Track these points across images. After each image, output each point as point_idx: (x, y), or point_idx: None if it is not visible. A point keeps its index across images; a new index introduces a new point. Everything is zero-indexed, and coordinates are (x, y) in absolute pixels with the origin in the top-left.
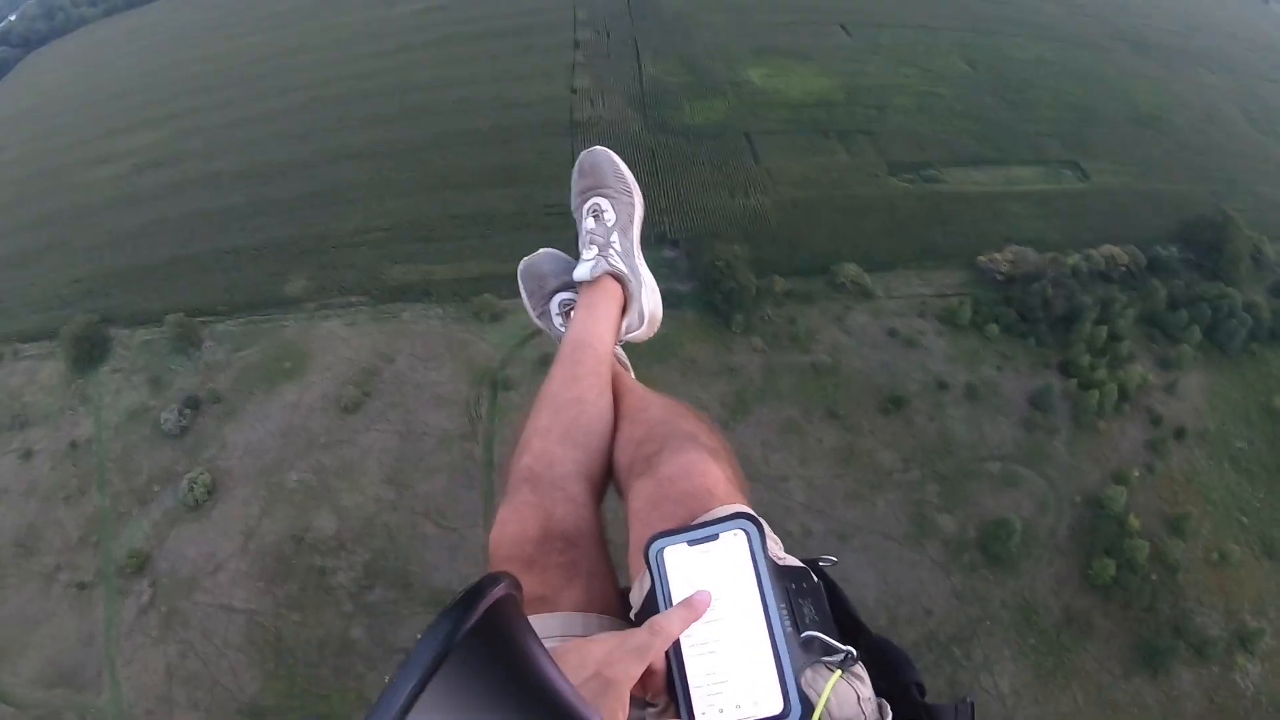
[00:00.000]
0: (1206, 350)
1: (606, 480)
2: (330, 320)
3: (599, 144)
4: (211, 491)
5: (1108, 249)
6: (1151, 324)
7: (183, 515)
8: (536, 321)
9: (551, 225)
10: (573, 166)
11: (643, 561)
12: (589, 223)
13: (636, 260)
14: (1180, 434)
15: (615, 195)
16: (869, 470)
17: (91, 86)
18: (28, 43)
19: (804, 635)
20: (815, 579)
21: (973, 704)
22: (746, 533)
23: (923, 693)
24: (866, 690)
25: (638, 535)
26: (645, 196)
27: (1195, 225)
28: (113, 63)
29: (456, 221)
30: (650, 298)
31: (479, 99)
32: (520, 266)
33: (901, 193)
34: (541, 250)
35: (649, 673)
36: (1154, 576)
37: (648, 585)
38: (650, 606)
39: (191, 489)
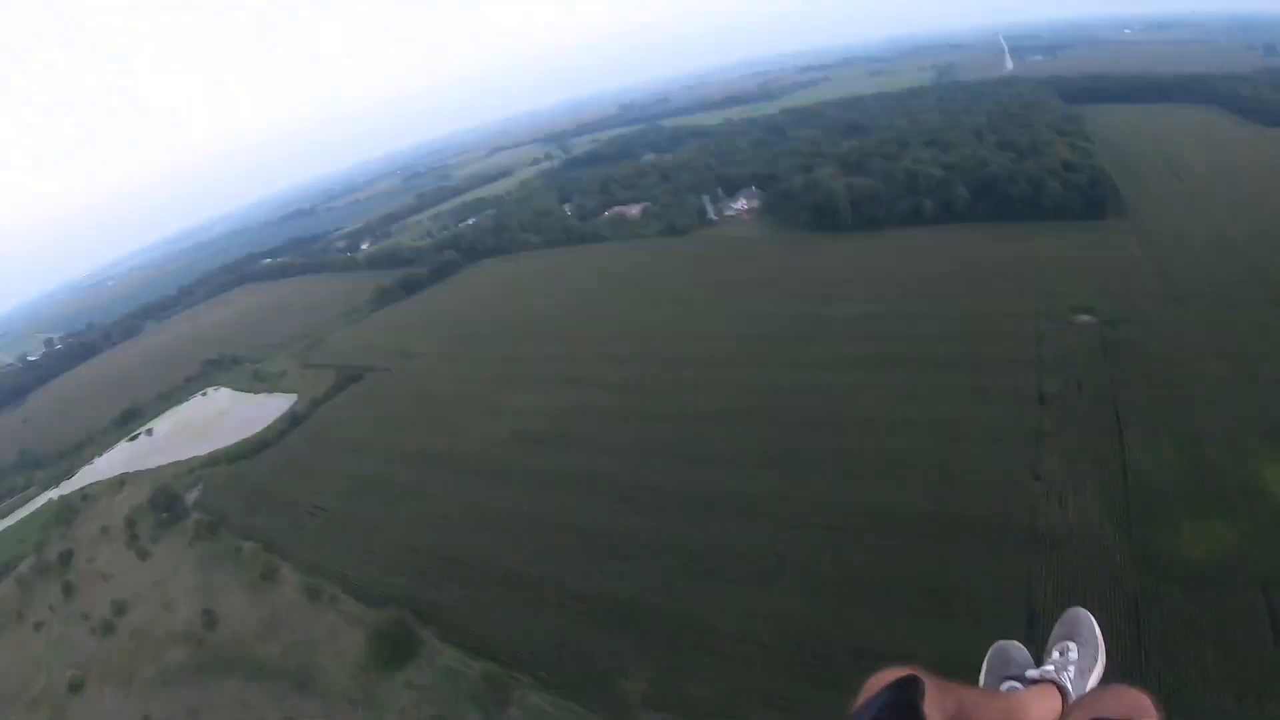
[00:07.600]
0: None
1: None
2: None
3: (1080, 606)
4: None
5: None
6: None
7: None
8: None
9: None
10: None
11: None
12: (1055, 654)
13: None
14: None
15: (1083, 644)
16: None
17: (498, 320)
18: (475, 252)
19: None
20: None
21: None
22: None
23: None
24: None
25: None
26: (1121, 676)
27: None
28: (530, 294)
29: (860, 661)
30: None
31: (915, 461)
32: (994, 645)
33: None
34: (1016, 641)
35: None
36: None
37: None
38: None
39: None
